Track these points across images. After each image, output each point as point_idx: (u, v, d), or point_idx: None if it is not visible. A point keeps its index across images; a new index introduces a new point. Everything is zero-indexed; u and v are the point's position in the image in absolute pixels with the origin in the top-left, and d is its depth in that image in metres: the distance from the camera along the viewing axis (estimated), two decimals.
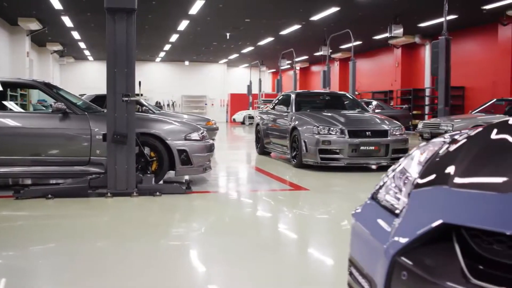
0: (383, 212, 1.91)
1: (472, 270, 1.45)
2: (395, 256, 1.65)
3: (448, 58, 14.36)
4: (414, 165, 2.04)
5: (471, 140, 2.03)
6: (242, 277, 3.55)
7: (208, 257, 4.09)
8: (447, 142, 2.13)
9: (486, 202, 1.55)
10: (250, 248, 4.33)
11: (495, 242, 1.47)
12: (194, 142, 7.09)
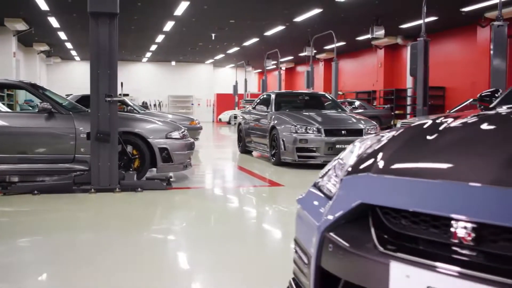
0: (321, 197, 2.24)
1: (381, 240, 1.78)
2: (324, 232, 1.97)
3: (426, 59, 14.73)
4: (350, 156, 2.37)
5: (399, 135, 2.37)
6: (217, 262, 3.86)
7: (186, 246, 4.41)
8: (382, 137, 2.46)
9: (396, 186, 1.88)
10: (224, 236, 4.65)
11: (402, 218, 1.80)
12: (174, 140, 7.39)
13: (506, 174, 1.66)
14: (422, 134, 2.26)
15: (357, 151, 2.39)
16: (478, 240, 1.55)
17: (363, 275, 1.78)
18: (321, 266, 1.98)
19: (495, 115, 2.53)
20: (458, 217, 1.59)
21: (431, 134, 2.21)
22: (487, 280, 1.44)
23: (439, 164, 1.93)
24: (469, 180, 1.68)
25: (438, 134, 2.21)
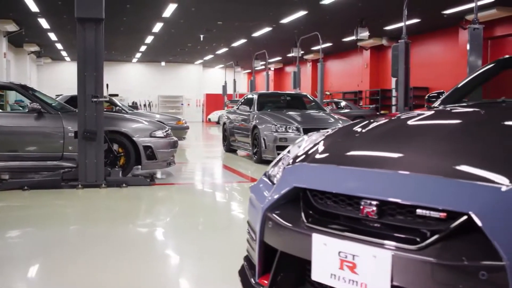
0: (269, 184, 2.63)
1: (307, 216, 2.17)
2: (265, 211, 2.37)
3: (407, 60, 15.13)
4: (296, 149, 2.76)
5: (336, 131, 2.78)
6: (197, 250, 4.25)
7: (168, 236, 4.79)
8: (326, 133, 2.86)
9: (321, 172, 2.29)
10: (203, 226, 5.04)
11: (327, 199, 2.19)
12: (158, 139, 7.77)
13: (401, 162, 2.07)
14: (352, 131, 2.67)
15: (304, 145, 2.79)
16: (380, 214, 1.95)
17: (293, 245, 2.18)
18: (264, 240, 2.37)
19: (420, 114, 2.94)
20: (365, 196, 2.00)
21: (358, 131, 2.62)
22: (381, 244, 1.84)
23: (356, 155, 2.35)
24: (375, 167, 2.09)
25: (364, 131, 2.62)
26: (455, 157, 2.07)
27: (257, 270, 2.44)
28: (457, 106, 3.32)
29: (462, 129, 2.48)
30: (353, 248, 1.91)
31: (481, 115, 2.83)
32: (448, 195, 1.81)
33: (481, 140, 2.26)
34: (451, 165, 1.99)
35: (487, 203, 1.72)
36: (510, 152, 2.01)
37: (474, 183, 1.81)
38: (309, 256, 2.08)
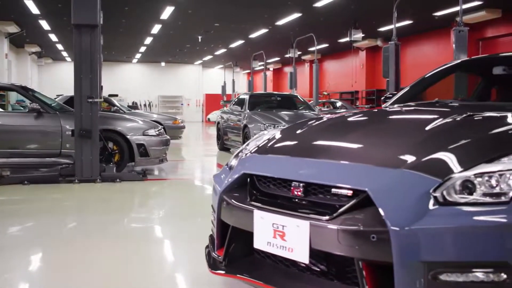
0: (228, 172, 3.11)
1: (251, 197, 2.66)
2: (222, 194, 2.85)
3: (397, 61, 15.57)
4: (254, 143, 3.25)
5: (289, 127, 3.27)
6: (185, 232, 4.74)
7: (157, 223, 5.27)
8: (279, 129, 3.35)
9: (265, 161, 2.77)
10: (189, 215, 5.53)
11: (269, 182, 2.68)
12: (151, 137, 8.25)
13: (324, 152, 2.57)
14: (298, 127, 3.16)
15: (262, 138, 3.28)
16: (305, 193, 2.44)
17: (240, 221, 2.67)
18: (221, 218, 2.86)
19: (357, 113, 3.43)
20: (294, 179, 2.49)
21: (302, 127, 3.12)
22: (302, 216, 2.33)
23: (292, 146, 2.85)
24: (303, 156, 2.59)
25: (306, 127, 3.12)
26: (367, 147, 2.57)
27: (216, 244, 2.93)
28: (399, 106, 3.81)
29: (383, 125, 2.98)
30: (283, 220, 2.40)
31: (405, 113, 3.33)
32: (352, 176, 2.30)
33: (393, 133, 2.75)
34: (361, 154, 2.49)
35: (379, 182, 2.21)
36: (411, 143, 2.50)
37: (371, 166, 2.30)
38: (252, 228, 2.56)
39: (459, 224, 2.02)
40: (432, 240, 2.02)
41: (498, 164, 2.15)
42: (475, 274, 2.00)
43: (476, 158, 2.23)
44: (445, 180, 2.13)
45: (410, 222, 2.04)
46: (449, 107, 3.47)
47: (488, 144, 2.39)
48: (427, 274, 2.02)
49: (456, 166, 2.19)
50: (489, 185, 2.10)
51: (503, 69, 4.12)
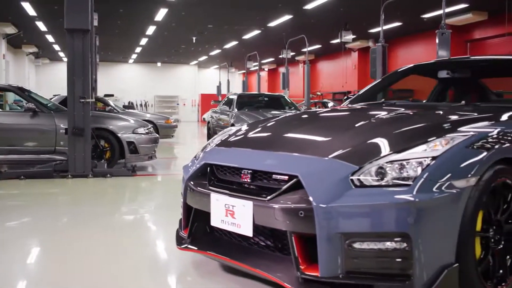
0: (195, 162, 3.58)
1: (210, 182, 3.13)
2: (187, 181, 3.32)
3: (384, 63, 16.07)
4: (219, 138, 3.72)
5: (250, 124, 3.74)
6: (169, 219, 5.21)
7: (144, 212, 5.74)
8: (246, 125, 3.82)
9: (222, 152, 3.25)
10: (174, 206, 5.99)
11: (224, 171, 3.15)
12: (141, 135, 8.72)
13: (269, 144, 3.05)
14: (257, 124, 3.64)
15: (226, 134, 3.75)
16: (252, 179, 2.91)
17: (201, 203, 3.14)
18: (186, 202, 3.33)
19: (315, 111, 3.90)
20: (244, 167, 2.96)
21: (261, 124, 3.60)
22: (247, 198, 2.80)
23: (245, 140, 3.34)
24: (252, 148, 3.07)
25: (264, 124, 3.60)
26: (305, 140, 3.06)
27: (182, 224, 3.40)
28: (351, 105, 4.29)
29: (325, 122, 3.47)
30: (233, 201, 2.87)
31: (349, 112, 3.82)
32: (288, 164, 2.78)
33: (330, 129, 3.24)
34: (298, 146, 2.98)
35: (308, 168, 2.68)
36: (340, 137, 2.98)
37: (304, 156, 2.77)
38: (209, 209, 3.04)
39: (370, 202, 2.49)
40: (348, 215, 2.49)
41: (406, 154, 2.62)
42: (382, 243, 2.47)
43: (389, 149, 2.70)
44: (361, 166, 2.61)
45: (330, 201, 2.51)
46: (389, 106, 3.95)
47: (402, 137, 2.87)
48: (343, 243, 2.49)
49: (372, 155, 2.67)
50: (398, 171, 2.57)
51: (447, 73, 4.60)
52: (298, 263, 2.60)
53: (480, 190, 2.63)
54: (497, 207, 2.84)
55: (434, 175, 2.52)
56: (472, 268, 2.60)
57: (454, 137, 2.75)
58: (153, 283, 3.31)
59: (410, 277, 2.44)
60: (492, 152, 2.71)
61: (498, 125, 3.04)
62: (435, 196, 2.47)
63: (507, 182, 2.85)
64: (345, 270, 2.50)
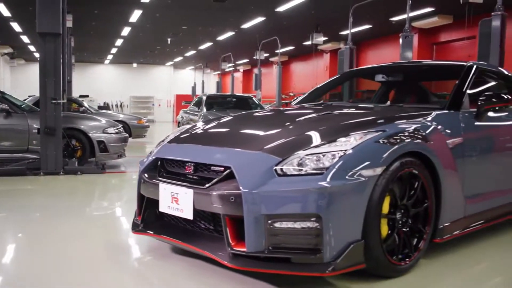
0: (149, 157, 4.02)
1: (160, 174, 3.57)
2: (141, 173, 3.76)
3: (351, 65, 16.62)
4: (172, 135, 4.16)
5: (197, 123, 4.19)
6: None
7: (112, 206, 6.15)
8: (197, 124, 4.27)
9: (170, 148, 3.70)
10: None
11: (173, 164, 3.59)
12: (111, 135, 9.11)
13: (210, 140, 3.51)
14: (205, 122, 4.09)
15: (180, 131, 4.20)
16: (194, 170, 3.36)
17: (151, 192, 3.58)
18: (140, 192, 3.77)
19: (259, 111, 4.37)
20: (188, 160, 3.41)
21: (208, 122, 4.05)
22: (189, 186, 3.25)
23: (190, 137, 3.79)
24: (194, 143, 3.53)
25: (209, 122, 4.05)
26: (242, 136, 3.53)
27: (137, 212, 3.85)
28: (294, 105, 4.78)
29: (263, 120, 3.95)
30: (177, 189, 3.32)
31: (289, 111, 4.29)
32: (223, 157, 3.24)
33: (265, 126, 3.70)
34: (235, 141, 3.45)
35: (240, 161, 3.14)
36: (271, 133, 3.44)
37: (237, 150, 3.23)
38: (158, 197, 3.48)
39: (289, 188, 2.96)
40: (270, 200, 2.95)
41: (322, 147, 3.10)
42: (298, 222, 2.94)
43: (310, 144, 3.17)
44: (284, 158, 3.07)
45: (256, 187, 2.97)
46: (324, 106, 4.44)
47: (323, 134, 3.34)
48: (266, 223, 2.96)
49: (295, 149, 3.14)
50: (315, 162, 3.04)
51: (382, 76, 5.11)
52: (229, 241, 3.05)
53: (387, 178, 3.12)
54: (403, 193, 3.33)
55: (344, 165, 2.99)
56: (377, 244, 3.08)
57: (367, 133, 3.23)
58: (111, 263, 3.73)
59: (321, 251, 2.91)
60: (398, 147, 3.20)
61: (412, 124, 3.54)
62: (344, 183, 2.94)
63: (414, 172, 3.34)
64: (268, 246, 2.97)
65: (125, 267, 3.67)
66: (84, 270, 3.58)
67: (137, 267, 3.72)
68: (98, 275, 3.49)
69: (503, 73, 5.11)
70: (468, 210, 3.94)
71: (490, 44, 9.84)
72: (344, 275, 3.25)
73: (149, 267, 3.66)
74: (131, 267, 3.72)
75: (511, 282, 3.52)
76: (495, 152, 4.28)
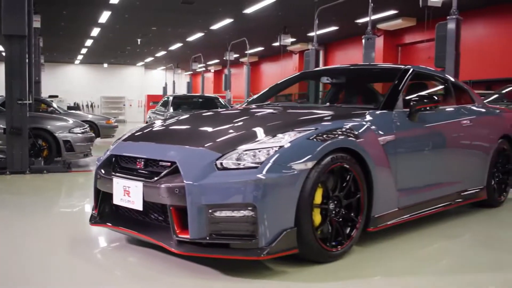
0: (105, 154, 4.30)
1: (114, 169, 3.86)
2: (97, 169, 4.04)
3: (317, 65, 17.05)
4: (128, 133, 4.44)
5: (155, 123, 4.49)
6: None
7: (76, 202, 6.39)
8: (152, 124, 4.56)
9: (123, 145, 3.99)
10: None
11: (126, 160, 3.89)
12: (77, 134, 9.33)
13: (158, 138, 3.82)
14: (160, 123, 4.39)
15: (135, 129, 4.48)
16: (145, 165, 3.66)
17: (106, 186, 3.87)
18: (96, 186, 4.05)
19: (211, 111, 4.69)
20: (139, 156, 3.71)
21: (162, 121, 4.36)
22: (139, 180, 3.55)
23: (143, 135, 4.09)
24: (146, 141, 3.83)
25: (161, 122, 4.36)
26: (188, 134, 3.85)
27: (94, 205, 4.13)
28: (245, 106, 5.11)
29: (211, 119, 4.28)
30: (128, 183, 3.62)
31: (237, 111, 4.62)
32: (170, 154, 3.55)
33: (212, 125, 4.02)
34: (182, 139, 3.76)
35: (185, 156, 3.45)
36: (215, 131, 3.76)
37: (183, 147, 3.54)
38: (112, 190, 3.77)
39: (227, 181, 3.27)
40: (211, 191, 3.27)
41: (259, 144, 3.43)
42: (235, 211, 3.26)
43: (249, 140, 3.50)
44: (224, 154, 3.39)
45: (198, 180, 3.28)
46: (270, 106, 4.79)
47: (261, 131, 3.67)
48: (207, 212, 3.27)
49: (234, 145, 3.46)
50: (252, 157, 3.36)
51: (326, 79, 5.47)
52: (175, 229, 3.36)
53: (318, 172, 3.45)
54: (335, 186, 3.67)
55: (278, 160, 3.32)
56: (309, 231, 3.41)
57: (301, 131, 3.57)
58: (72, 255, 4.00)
59: (256, 237, 3.23)
60: (328, 143, 3.54)
61: (345, 122, 3.89)
62: (277, 176, 3.27)
63: (345, 167, 3.68)
64: (209, 233, 3.28)
65: (85, 258, 3.93)
66: (43, 261, 3.85)
67: (99, 258, 4.00)
68: (59, 266, 3.76)
69: (440, 76, 5.51)
70: (402, 202, 4.30)
71: (446, 46, 10.27)
72: (281, 260, 3.59)
73: (109, 257, 3.96)
74: (92, 258, 3.98)
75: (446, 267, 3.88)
76: (427, 149, 4.66)
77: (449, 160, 4.98)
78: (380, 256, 3.99)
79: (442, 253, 4.20)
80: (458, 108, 5.37)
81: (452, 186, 5.06)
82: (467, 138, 5.25)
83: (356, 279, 3.46)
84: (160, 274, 3.47)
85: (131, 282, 3.40)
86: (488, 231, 4.98)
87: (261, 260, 3.48)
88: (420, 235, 4.65)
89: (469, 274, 3.65)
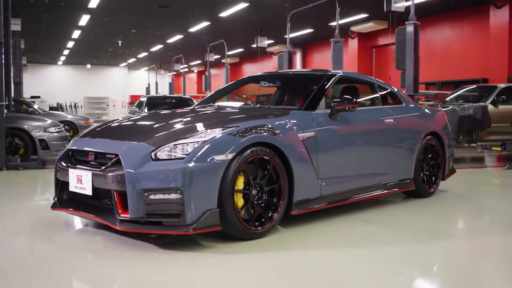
0: None
1: (70, 161, 4.53)
2: (57, 162, 4.71)
3: (290, 67, 17.72)
4: (87, 130, 5.11)
5: (110, 122, 5.16)
6: None
7: (48, 195, 7.03)
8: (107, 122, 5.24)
9: (79, 141, 4.66)
10: None
11: (81, 153, 4.55)
12: (52, 133, 9.96)
13: (111, 135, 4.50)
14: (113, 121, 5.07)
15: (93, 127, 5.15)
16: (95, 158, 4.34)
17: (63, 176, 4.54)
18: (56, 177, 4.71)
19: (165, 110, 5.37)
20: (91, 150, 4.39)
21: (116, 121, 5.04)
22: (89, 170, 4.22)
23: (97, 132, 4.75)
24: (97, 137, 4.50)
25: (114, 121, 5.04)
26: (134, 131, 4.53)
27: (55, 193, 4.79)
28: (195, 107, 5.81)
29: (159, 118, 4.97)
30: (81, 173, 4.29)
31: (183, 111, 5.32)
32: (115, 147, 4.22)
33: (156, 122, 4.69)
34: (126, 135, 4.43)
35: (126, 149, 4.13)
36: (155, 128, 4.44)
37: (126, 142, 4.23)
38: (68, 179, 4.44)
39: (159, 169, 3.95)
40: (146, 178, 3.94)
41: (189, 139, 4.11)
42: (166, 194, 3.94)
43: (181, 135, 4.18)
44: (158, 147, 4.07)
45: (136, 169, 3.95)
46: (211, 107, 5.49)
47: (193, 128, 4.35)
48: (143, 195, 3.94)
49: (169, 140, 4.14)
50: (181, 150, 4.04)
51: (264, 83, 6.18)
52: (117, 210, 4.03)
53: (239, 162, 4.14)
54: (256, 174, 4.36)
55: (203, 152, 4.01)
56: (232, 212, 4.09)
57: (225, 128, 4.25)
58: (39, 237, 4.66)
59: (183, 216, 3.91)
60: (247, 138, 4.22)
61: (267, 121, 4.57)
62: (201, 165, 3.95)
63: (265, 158, 4.36)
64: (145, 213, 3.96)
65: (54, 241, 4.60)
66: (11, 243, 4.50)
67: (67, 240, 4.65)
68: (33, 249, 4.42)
69: (367, 80, 6.22)
70: (324, 190, 4.98)
71: (405, 50, 10.97)
72: (212, 238, 4.28)
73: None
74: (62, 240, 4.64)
75: None
76: (348, 144, 5.35)
77: (371, 154, 5.66)
78: (302, 234, 4.67)
79: (354, 233, 4.89)
80: (382, 108, 6.07)
81: (376, 177, 5.73)
82: (390, 135, 5.93)
83: (277, 251, 4.14)
84: (107, 249, 4.14)
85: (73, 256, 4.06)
86: (404, 218, 5.64)
87: (189, 234, 4.16)
88: (344, 220, 5.32)
89: (367, 247, 4.35)
